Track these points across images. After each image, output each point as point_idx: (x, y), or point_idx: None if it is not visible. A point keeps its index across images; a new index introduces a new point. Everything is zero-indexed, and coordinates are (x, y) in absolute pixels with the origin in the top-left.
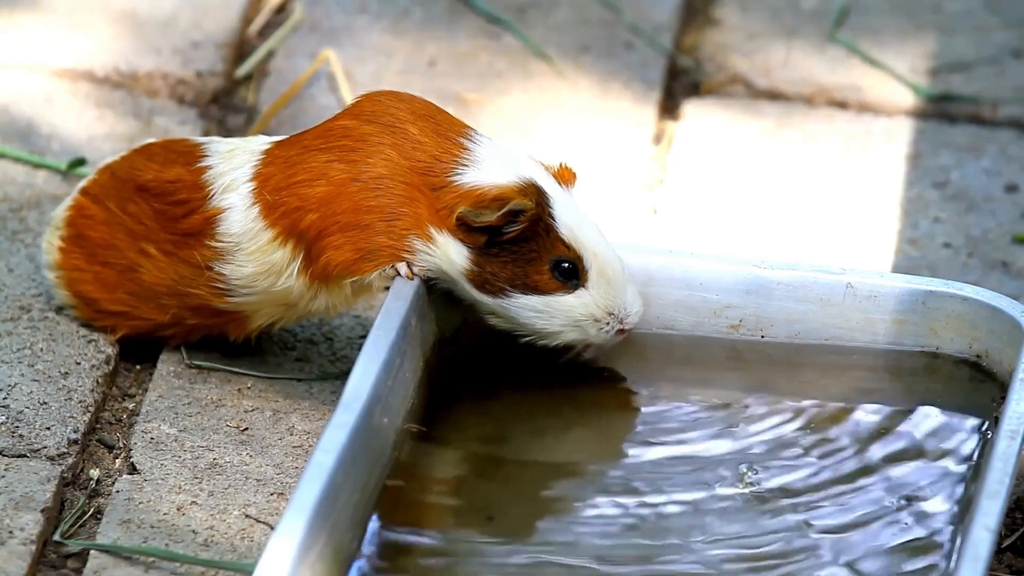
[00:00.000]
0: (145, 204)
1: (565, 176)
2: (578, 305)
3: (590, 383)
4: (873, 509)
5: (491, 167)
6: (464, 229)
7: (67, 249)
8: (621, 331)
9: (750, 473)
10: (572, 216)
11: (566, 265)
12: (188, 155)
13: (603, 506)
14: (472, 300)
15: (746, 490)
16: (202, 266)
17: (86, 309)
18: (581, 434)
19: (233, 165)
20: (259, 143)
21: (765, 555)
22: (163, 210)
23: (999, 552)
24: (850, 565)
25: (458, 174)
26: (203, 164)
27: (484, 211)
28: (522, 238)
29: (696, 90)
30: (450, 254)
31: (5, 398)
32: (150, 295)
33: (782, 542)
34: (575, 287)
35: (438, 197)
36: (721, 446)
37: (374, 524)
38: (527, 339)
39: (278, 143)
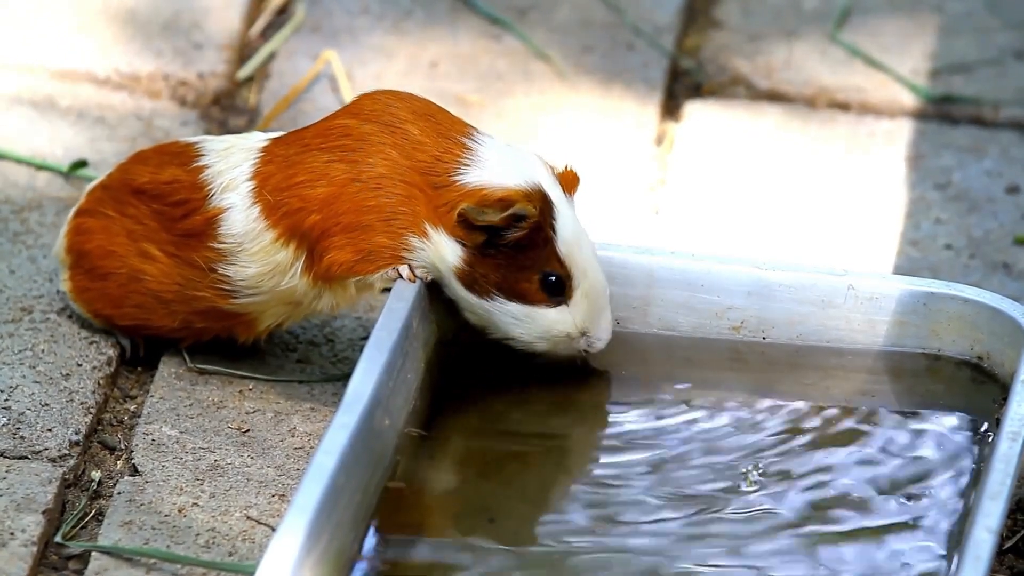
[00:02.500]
0: (144, 205)
1: (569, 180)
2: (558, 321)
3: (592, 385)
4: (875, 510)
5: (496, 167)
6: (465, 226)
7: (73, 275)
8: (584, 351)
9: (754, 472)
10: (572, 231)
11: (555, 280)
12: (182, 155)
13: (605, 507)
14: (455, 296)
15: (750, 489)
16: (205, 268)
17: (105, 324)
18: (583, 435)
19: (231, 163)
20: (256, 140)
21: (768, 553)
22: (162, 211)
23: (1000, 553)
24: (852, 565)
25: (461, 174)
26: (200, 163)
27: (488, 210)
28: (519, 245)
29: (698, 91)
30: (443, 251)
31: (6, 400)
32: (157, 304)
33: (786, 541)
34: (558, 303)
35: (440, 195)
36: (723, 447)
37: (375, 526)
38: (498, 339)
39: (276, 140)
